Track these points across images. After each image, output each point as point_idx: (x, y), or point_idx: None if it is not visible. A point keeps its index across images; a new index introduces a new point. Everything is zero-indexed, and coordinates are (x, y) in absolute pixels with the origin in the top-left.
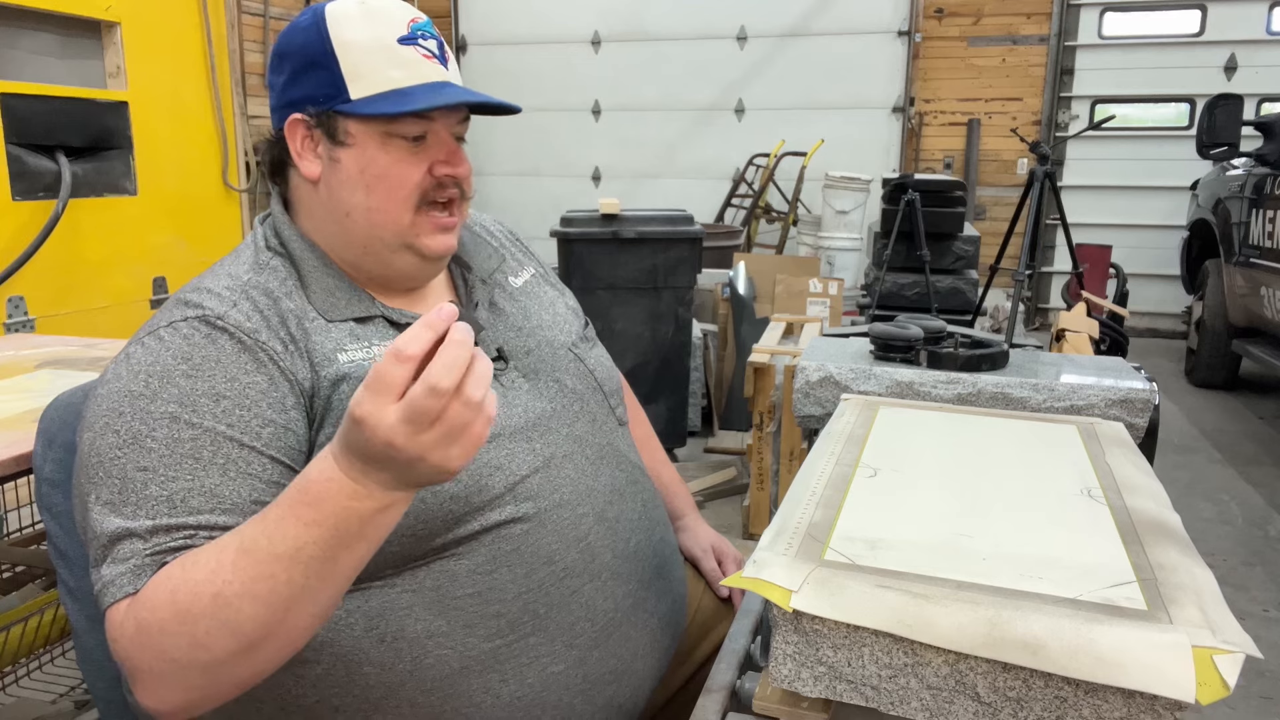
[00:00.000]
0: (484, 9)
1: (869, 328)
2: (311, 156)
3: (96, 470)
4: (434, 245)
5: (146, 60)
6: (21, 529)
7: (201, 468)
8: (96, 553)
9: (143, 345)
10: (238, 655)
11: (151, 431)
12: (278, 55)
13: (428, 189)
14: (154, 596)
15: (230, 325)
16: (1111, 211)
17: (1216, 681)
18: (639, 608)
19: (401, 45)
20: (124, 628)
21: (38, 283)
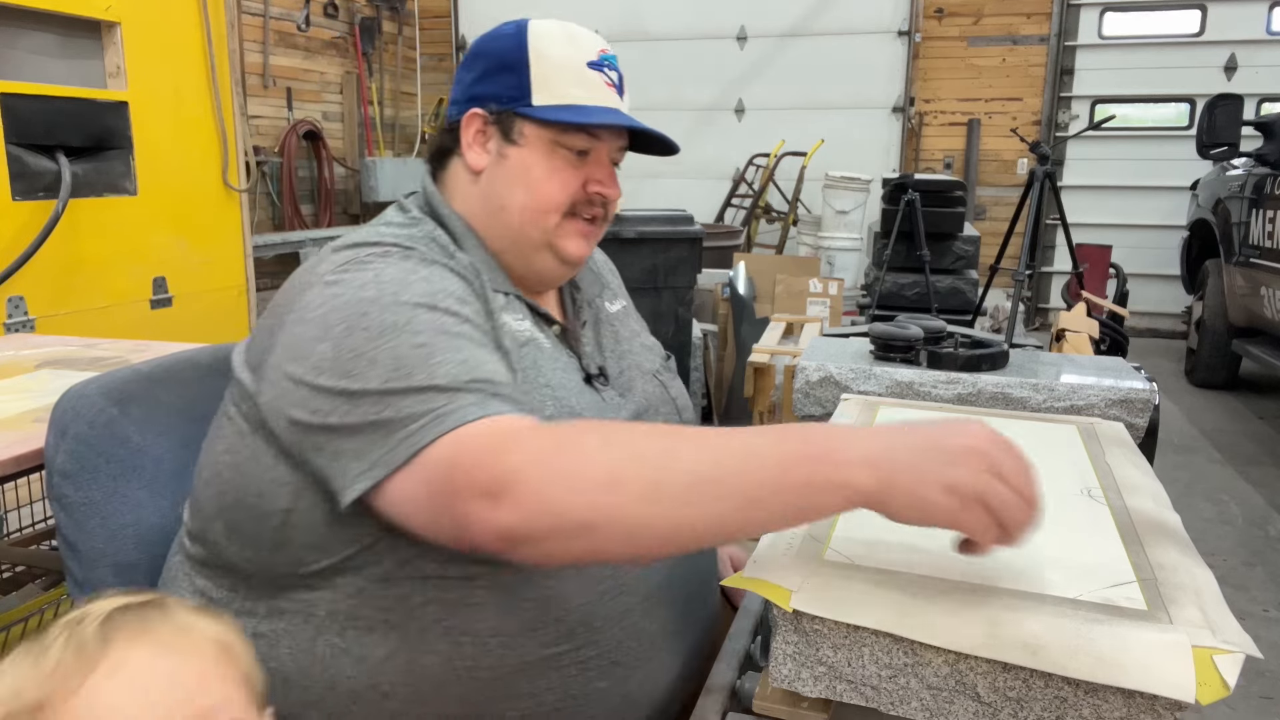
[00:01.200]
0: (484, 9)
1: (869, 328)
2: (480, 149)
3: (354, 365)
4: (573, 249)
5: (146, 60)
6: (21, 529)
7: (473, 344)
8: (381, 419)
9: (348, 270)
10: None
11: (410, 320)
12: (474, 54)
13: (579, 201)
14: (584, 428)
15: (433, 257)
16: (1111, 211)
17: (1216, 681)
18: (677, 635)
19: (590, 69)
20: (516, 436)
21: (38, 283)
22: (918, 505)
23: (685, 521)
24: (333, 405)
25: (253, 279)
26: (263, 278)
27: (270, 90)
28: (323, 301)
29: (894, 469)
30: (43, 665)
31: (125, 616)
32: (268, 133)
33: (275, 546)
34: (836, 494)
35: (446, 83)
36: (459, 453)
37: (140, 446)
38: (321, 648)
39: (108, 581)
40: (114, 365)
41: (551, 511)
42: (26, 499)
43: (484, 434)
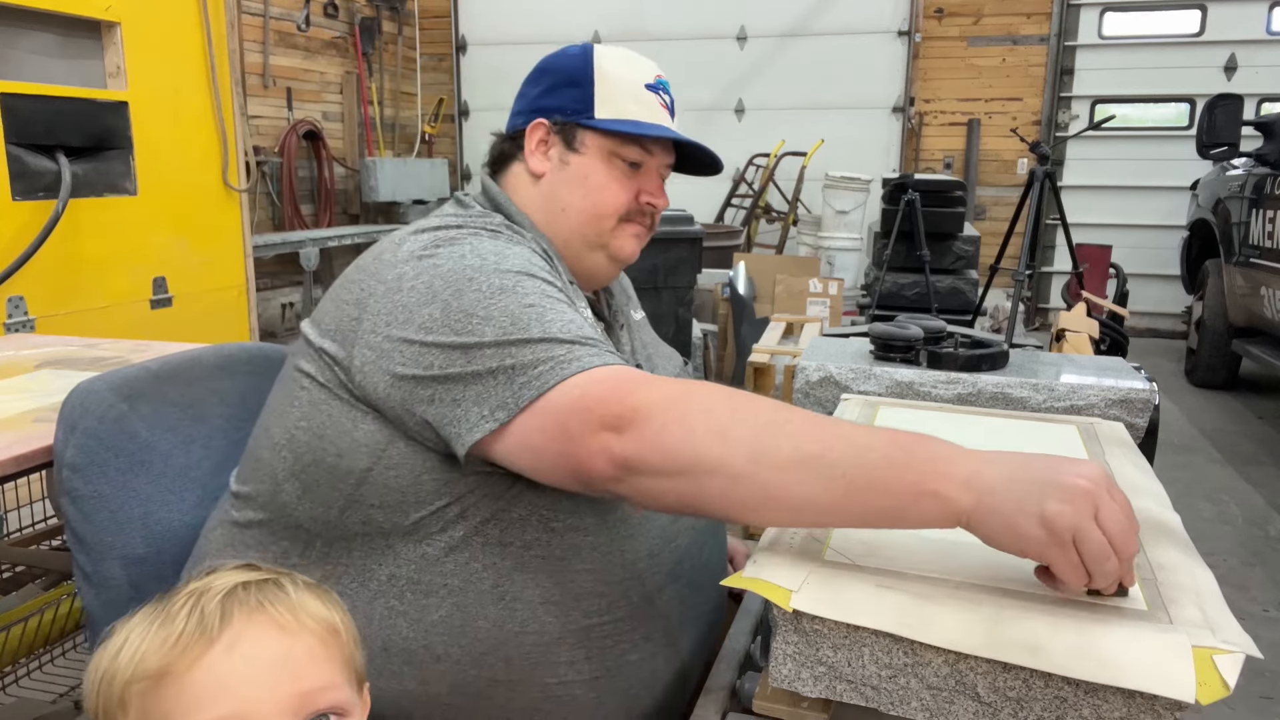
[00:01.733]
0: (484, 9)
1: (869, 328)
2: (542, 156)
3: (468, 322)
4: (626, 249)
5: (146, 60)
6: (21, 529)
7: (574, 310)
8: (505, 367)
9: (441, 247)
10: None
11: (516, 284)
12: (541, 70)
13: (631, 209)
14: (701, 385)
15: (514, 238)
16: (1111, 211)
17: (1216, 681)
18: (700, 618)
19: (647, 90)
20: (638, 382)
21: (38, 283)
22: (1010, 532)
23: (780, 489)
24: (448, 358)
25: (253, 279)
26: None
27: (270, 90)
28: (420, 272)
29: (994, 495)
30: (167, 635)
31: (246, 593)
32: (268, 133)
33: (346, 506)
34: (931, 506)
35: (447, 83)
36: (587, 392)
37: (148, 442)
38: (379, 609)
39: (116, 575)
40: (114, 365)
41: (666, 448)
42: (26, 499)
43: (609, 378)
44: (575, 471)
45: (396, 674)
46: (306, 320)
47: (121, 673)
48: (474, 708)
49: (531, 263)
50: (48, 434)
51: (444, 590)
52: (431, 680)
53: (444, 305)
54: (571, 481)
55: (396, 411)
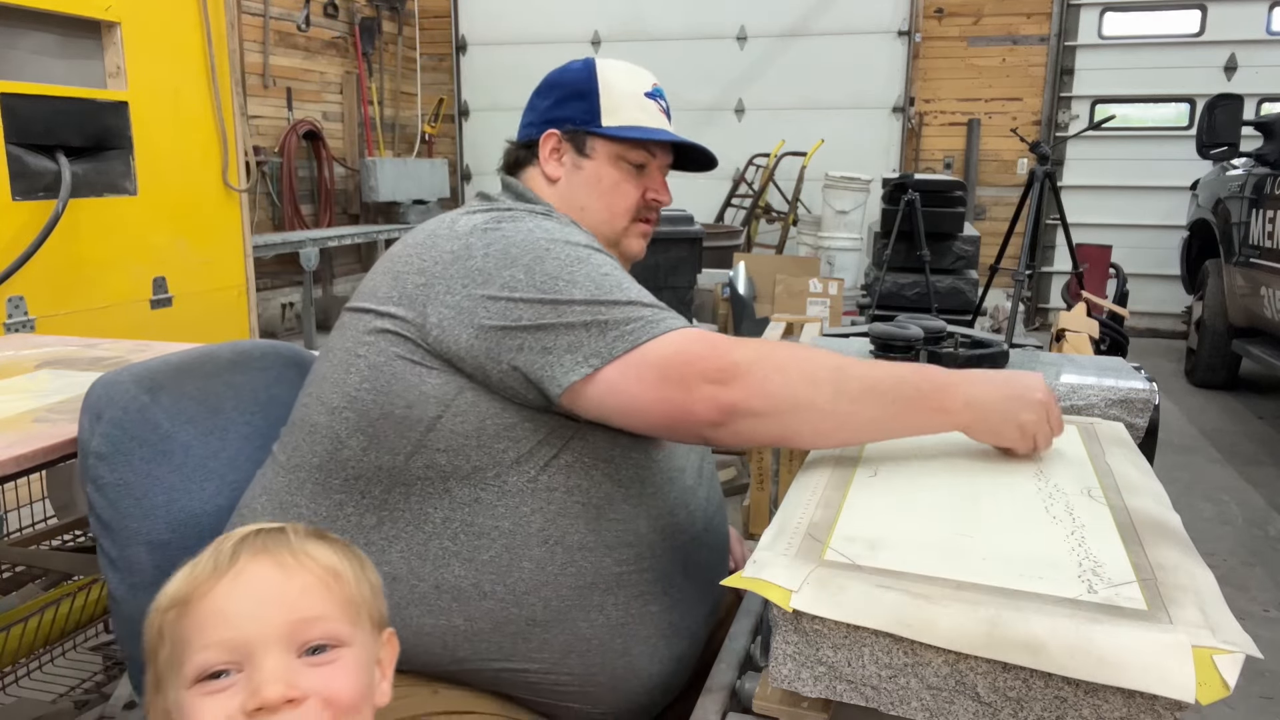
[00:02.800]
0: (484, 9)
1: (869, 328)
2: (556, 162)
3: (554, 284)
4: (637, 247)
5: (146, 60)
6: (21, 529)
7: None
8: (598, 322)
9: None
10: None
11: (589, 256)
12: (550, 84)
13: (640, 207)
14: (780, 344)
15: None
16: (1111, 211)
17: (1216, 681)
18: (710, 581)
19: (647, 98)
20: (731, 341)
21: (38, 283)
22: (995, 435)
23: (855, 415)
24: (537, 312)
25: (253, 279)
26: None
27: (270, 90)
28: (491, 242)
29: (986, 410)
30: (190, 572)
31: (256, 538)
32: (268, 133)
33: (414, 452)
34: (944, 420)
35: (447, 83)
36: (685, 348)
37: (169, 433)
38: (435, 549)
39: (141, 560)
40: (114, 365)
41: (767, 393)
42: (26, 499)
43: (703, 337)
44: (677, 417)
45: (446, 610)
46: (355, 298)
47: (160, 605)
48: (513, 647)
49: (593, 241)
50: (48, 434)
51: (495, 532)
52: (477, 617)
53: (526, 268)
54: (665, 426)
55: (480, 361)
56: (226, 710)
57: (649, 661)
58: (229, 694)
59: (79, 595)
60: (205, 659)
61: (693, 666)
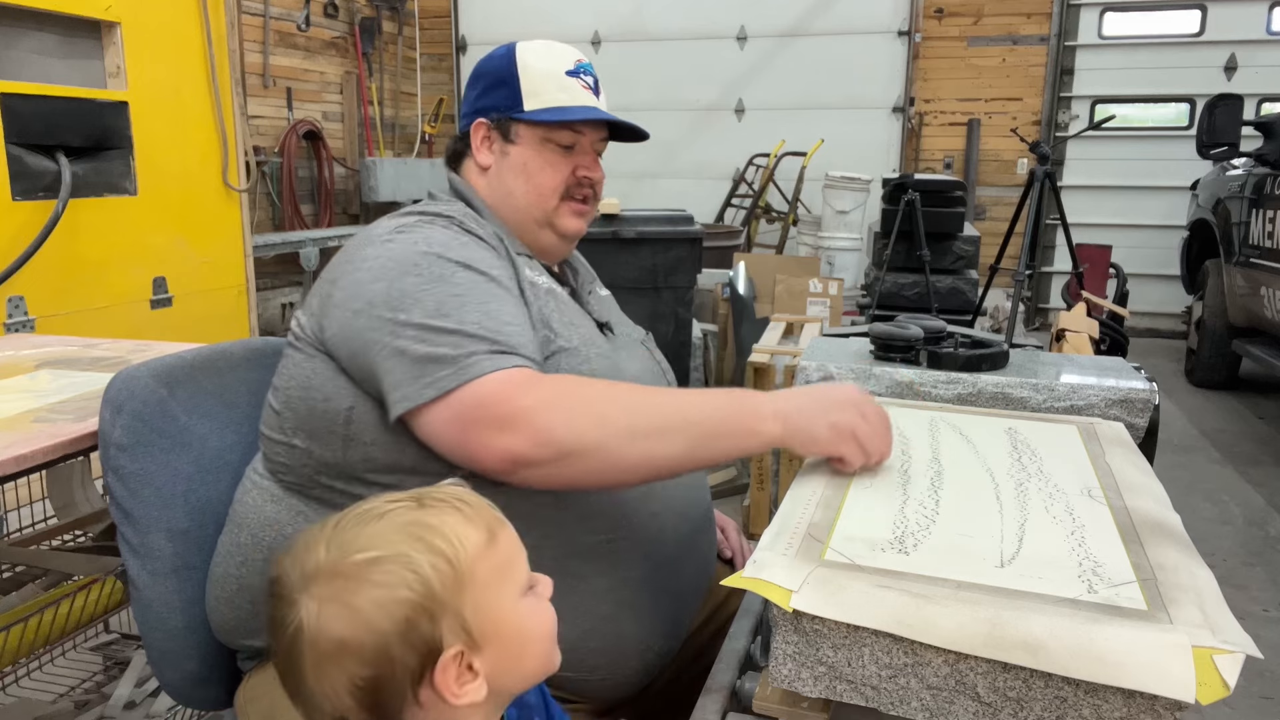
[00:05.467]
0: (484, 9)
1: (869, 328)
2: (487, 151)
3: (403, 301)
4: (570, 224)
5: (146, 60)
6: (21, 529)
7: (502, 300)
8: (422, 353)
9: (402, 232)
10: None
11: (453, 275)
12: (475, 75)
13: (571, 185)
14: (575, 384)
15: (470, 229)
16: (1111, 211)
17: (1216, 681)
18: (693, 545)
19: (568, 76)
20: (518, 391)
21: (38, 283)
22: (812, 441)
23: (656, 452)
24: (383, 329)
25: (253, 279)
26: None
27: (270, 90)
28: (379, 254)
29: (797, 418)
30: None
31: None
32: (268, 133)
33: (346, 445)
34: (758, 440)
35: (447, 83)
36: (480, 396)
37: (187, 425)
38: None
39: (161, 547)
40: (114, 365)
41: (551, 440)
42: (26, 499)
43: (499, 381)
44: (470, 463)
45: None
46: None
47: (460, 557)
48: None
49: (474, 255)
50: (48, 434)
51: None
52: None
53: (388, 284)
54: (476, 471)
55: (355, 375)
56: (545, 604)
57: (637, 626)
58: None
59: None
60: (527, 571)
61: (685, 630)
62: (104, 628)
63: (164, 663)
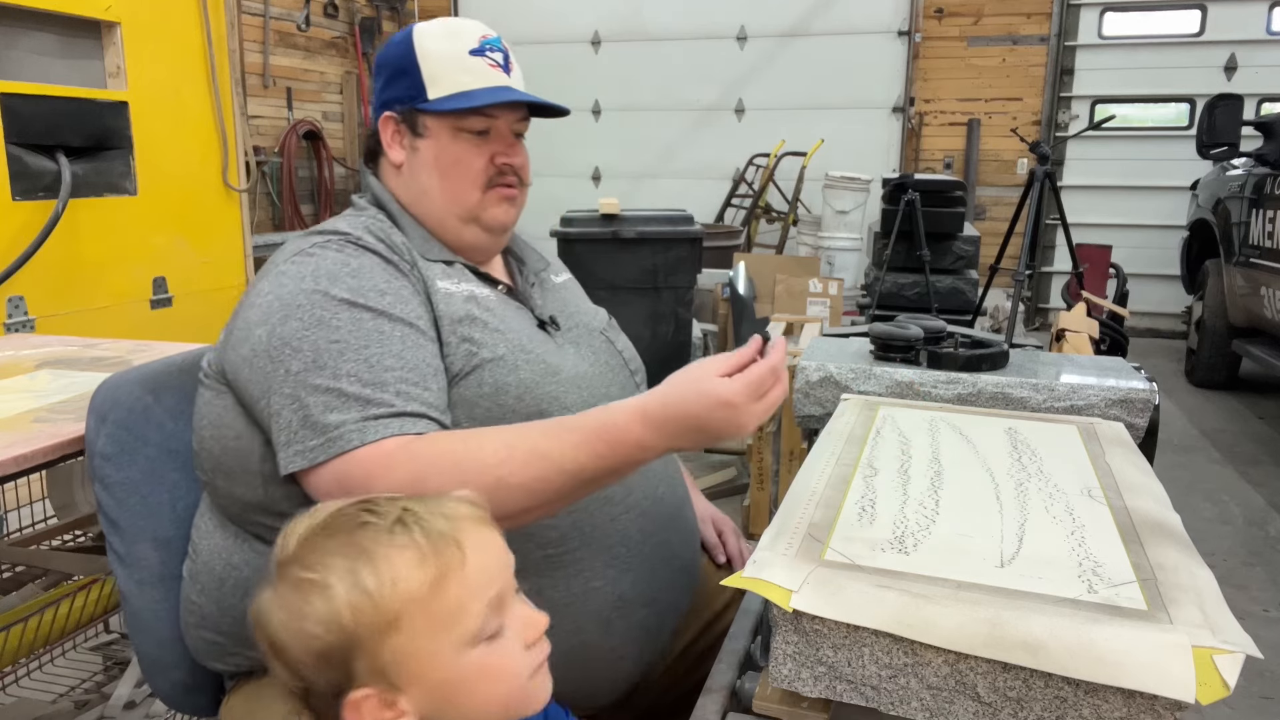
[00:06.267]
0: (484, 9)
1: (869, 328)
2: (398, 147)
3: (282, 350)
4: (498, 216)
5: (146, 60)
6: (21, 529)
7: (386, 338)
8: (298, 413)
9: (294, 263)
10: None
11: (335, 315)
12: (377, 65)
13: (491, 174)
14: (437, 460)
15: (369, 245)
16: (1111, 211)
17: (1216, 681)
18: (665, 545)
19: (472, 56)
20: (382, 471)
21: (38, 283)
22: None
23: (530, 513)
24: (266, 384)
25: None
26: None
27: (270, 90)
28: (269, 290)
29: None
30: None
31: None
32: (268, 133)
33: (266, 481)
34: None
35: None
36: (348, 473)
37: (174, 432)
38: None
39: (148, 556)
40: (114, 365)
41: None
42: (26, 499)
43: (366, 460)
44: None
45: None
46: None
47: (385, 600)
48: None
49: (363, 286)
50: (48, 434)
51: None
52: None
53: (269, 330)
54: None
55: (255, 420)
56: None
57: (604, 636)
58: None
59: (79, 595)
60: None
61: (668, 633)
62: (104, 628)
63: (154, 670)
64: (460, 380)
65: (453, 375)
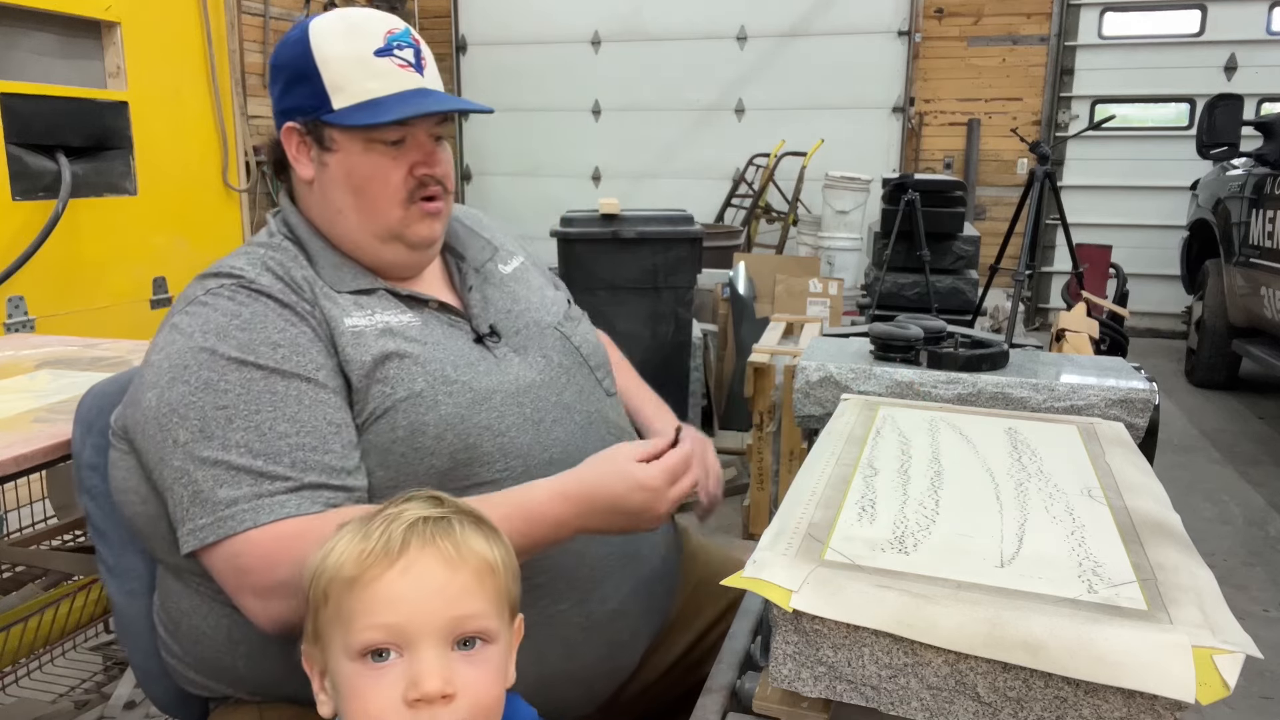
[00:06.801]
0: (484, 9)
1: (869, 328)
2: (305, 160)
3: (170, 419)
4: (422, 232)
5: (146, 60)
6: (21, 529)
7: (279, 399)
8: (188, 489)
9: (187, 314)
10: None
11: (223, 377)
12: (272, 67)
13: (412, 188)
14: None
15: (264, 288)
16: (1111, 211)
17: (1216, 681)
18: (632, 558)
19: (377, 58)
20: (281, 553)
21: (38, 283)
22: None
23: None
24: (157, 454)
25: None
26: None
27: None
28: (162, 346)
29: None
30: (362, 550)
31: (425, 526)
32: (268, 133)
33: (174, 544)
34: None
35: (447, 83)
36: (237, 559)
37: None
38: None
39: (136, 566)
40: (114, 365)
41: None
42: (26, 499)
43: (256, 546)
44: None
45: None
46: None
47: (327, 572)
48: None
49: (253, 341)
50: (48, 434)
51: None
52: None
53: (159, 394)
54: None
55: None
56: (389, 696)
57: (568, 661)
58: (390, 679)
59: (79, 595)
60: (371, 638)
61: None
62: (104, 628)
63: (146, 679)
64: (372, 425)
65: (364, 420)
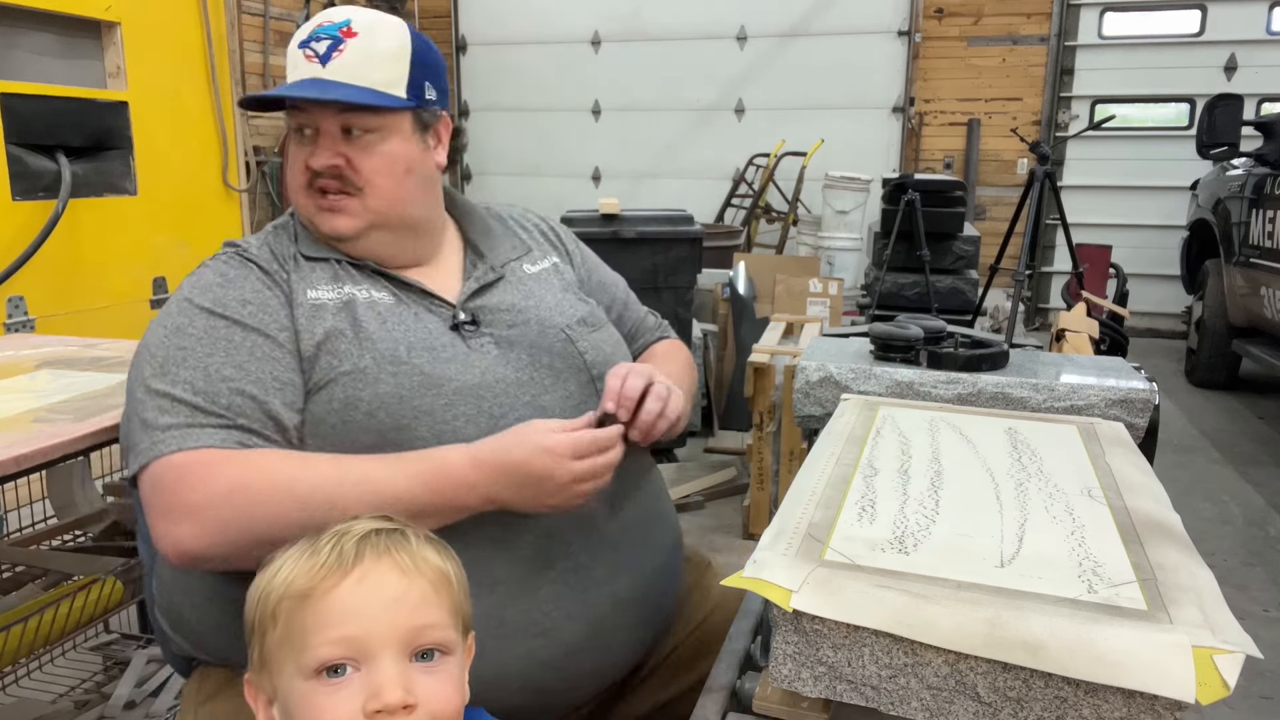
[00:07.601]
0: (484, 9)
1: (869, 328)
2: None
3: (141, 355)
4: (326, 225)
5: (146, 60)
6: (21, 529)
7: (234, 347)
8: (139, 416)
9: (193, 275)
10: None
11: (191, 323)
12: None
13: (309, 178)
14: (266, 470)
15: (253, 257)
16: (1111, 211)
17: (1216, 681)
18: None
19: (299, 49)
20: (196, 477)
21: (38, 283)
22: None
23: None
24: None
25: None
26: None
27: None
28: (171, 300)
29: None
30: (312, 564)
31: (378, 538)
32: (268, 133)
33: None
34: (462, 514)
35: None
36: (158, 480)
37: None
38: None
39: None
40: (114, 365)
41: (224, 540)
42: (26, 499)
43: (176, 467)
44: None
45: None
46: None
47: (275, 591)
48: None
49: (226, 297)
50: (48, 434)
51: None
52: None
53: (144, 338)
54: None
55: None
56: (348, 709)
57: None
58: (348, 693)
59: (79, 595)
60: (327, 654)
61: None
62: (104, 628)
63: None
64: (314, 395)
65: (309, 389)
